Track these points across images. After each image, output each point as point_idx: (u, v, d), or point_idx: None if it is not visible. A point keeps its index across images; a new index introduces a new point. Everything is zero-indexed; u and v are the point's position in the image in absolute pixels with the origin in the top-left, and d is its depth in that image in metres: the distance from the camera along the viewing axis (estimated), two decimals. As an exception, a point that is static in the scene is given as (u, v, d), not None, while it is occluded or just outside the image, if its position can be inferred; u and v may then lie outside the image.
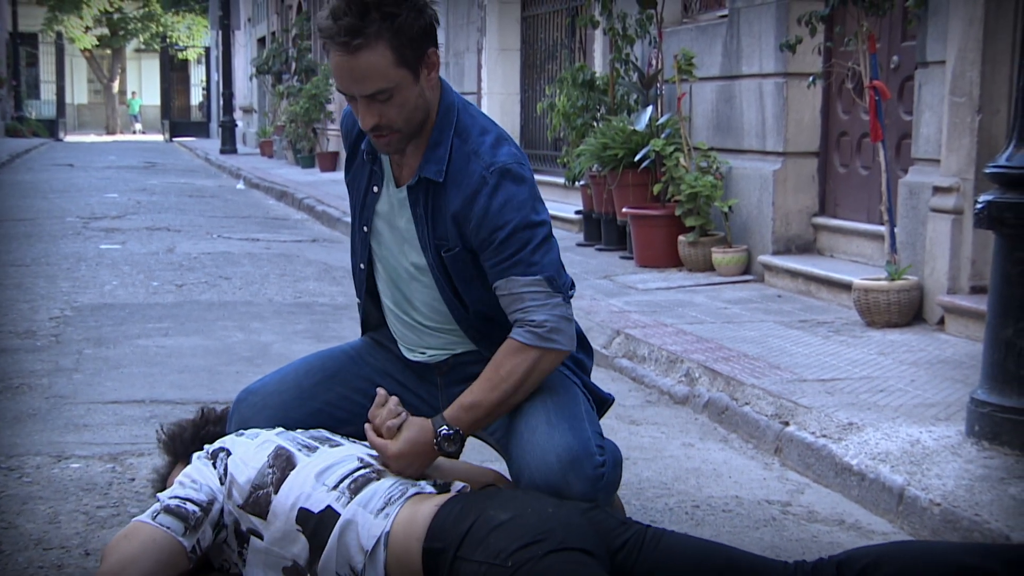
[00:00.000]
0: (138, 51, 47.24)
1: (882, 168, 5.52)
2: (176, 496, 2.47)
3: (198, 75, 42.75)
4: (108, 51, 44.87)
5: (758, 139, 6.95)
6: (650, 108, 7.73)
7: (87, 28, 40.32)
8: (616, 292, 6.43)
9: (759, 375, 4.36)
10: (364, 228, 2.77)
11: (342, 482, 2.45)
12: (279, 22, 24.17)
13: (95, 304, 6.39)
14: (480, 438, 2.80)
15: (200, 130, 36.62)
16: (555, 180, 9.88)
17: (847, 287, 5.68)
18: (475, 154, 2.59)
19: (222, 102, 25.30)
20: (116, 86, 46.36)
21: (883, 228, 5.55)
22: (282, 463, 2.50)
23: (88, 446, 3.71)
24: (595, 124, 8.34)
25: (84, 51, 42.34)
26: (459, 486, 2.56)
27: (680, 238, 7.15)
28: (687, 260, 7.11)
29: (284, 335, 5.61)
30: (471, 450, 2.83)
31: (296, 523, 2.41)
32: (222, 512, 2.49)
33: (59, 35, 37.43)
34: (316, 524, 2.39)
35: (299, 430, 2.69)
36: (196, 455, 2.62)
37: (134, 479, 3.37)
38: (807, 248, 6.79)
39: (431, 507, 2.38)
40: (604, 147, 7.74)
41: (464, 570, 2.25)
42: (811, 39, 5.99)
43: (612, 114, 8.26)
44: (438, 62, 2.58)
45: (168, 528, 2.41)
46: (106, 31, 42.45)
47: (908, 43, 5.92)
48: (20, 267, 7.74)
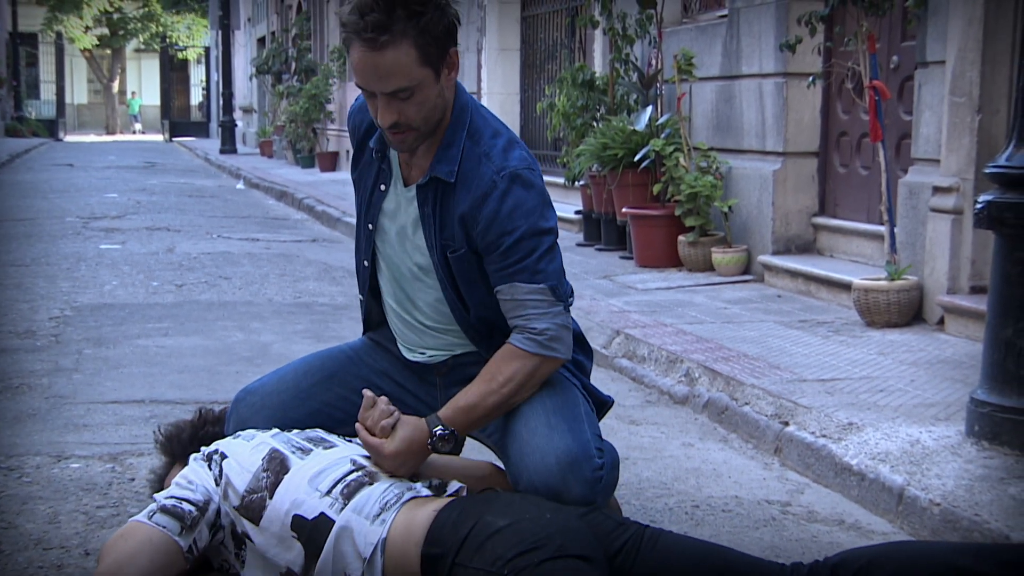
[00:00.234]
0: (138, 51, 47.26)
1: (882, 168, 5.51)
2: (172, 496, 2.47)
3: (198, 75, 42.74)
4: (108, 51, 44.88)
5: (758, 139, 6.95)
6: (650, 108, 7.73)
7: (87, 28, 40.33)
8: (616, 292, 6.43)
9: (759, 375, 4.36)
10: (369, 226, 2.75)
11: (335, 487, 2.44)
12: (279, 22, 24.18)
13: (95, 304, 6.39)
14: (476, 438, 2.79)
15: (200, 130, 36.62)
16: (555, 180, 9.87)
17: (847, 287, 5.68)
18: (487, 156, 2.59)
19: (222, 102, 25.31)
20: (116, 86, 46.38)
21: (883, 228, 5.55)
22: (276, 466, 2.49)
23: (88, 446, 3.71)
24: (595, 124, 8.34)
25: (84, 51, 42.35)
26: (455, 486, 2.55)
27: (680, 238, 7.15)
28: (687, 260, 7.11)
29: (284, 335, 5.61)
30: (467, 448, 2.83)
31: (292, 530, 2.41)
32: (219, 513, 2.49)
33: (59, 35, 37.42)
34: (311, 531, 2.39)
35: (295, 431, 2.68)
36: (192, 457, 2.62)
37: (134, 479, 3.37)
38: (807, 248, 6.79)
39: (429, 512, 2.37)
40: (604, 147, 7.74)
41: (462, 576, 2.25)
42: (811, 39, 5.99)
43: (612, 114, 8.26)
44: (458, 62, 2.58)
45: (164, 527, 2.41)
46: (106, 31, 42.46)
47: (908, 43, 5.92)
48: (20, 267, 7.74)
